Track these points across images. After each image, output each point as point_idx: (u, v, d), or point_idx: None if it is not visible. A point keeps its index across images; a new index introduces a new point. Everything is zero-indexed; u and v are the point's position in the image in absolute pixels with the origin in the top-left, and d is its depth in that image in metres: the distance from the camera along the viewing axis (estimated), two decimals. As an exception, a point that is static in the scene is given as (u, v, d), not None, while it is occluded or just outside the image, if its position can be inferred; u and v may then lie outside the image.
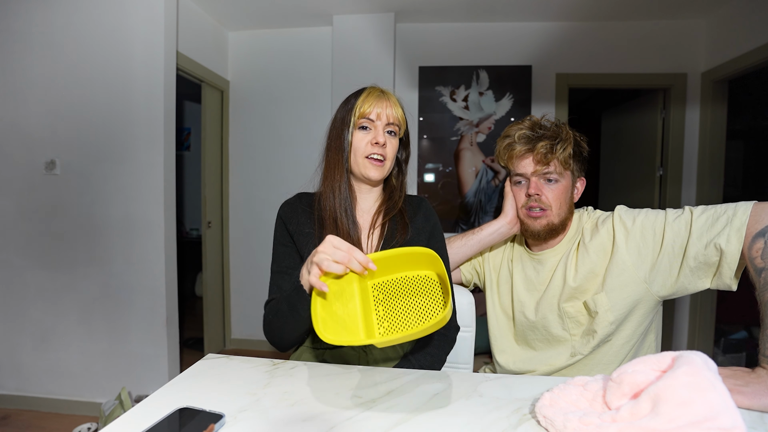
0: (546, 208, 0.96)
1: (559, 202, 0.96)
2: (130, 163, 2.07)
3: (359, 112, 0.88)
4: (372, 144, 0.88)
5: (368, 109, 0.87)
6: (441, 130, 2.84)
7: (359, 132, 0.89)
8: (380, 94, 0.90)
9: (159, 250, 2.07)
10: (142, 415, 0.59)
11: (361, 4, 2.55)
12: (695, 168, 2.72)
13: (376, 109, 0.87)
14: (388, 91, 0.93)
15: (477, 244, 1.07)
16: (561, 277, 0.98)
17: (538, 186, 0.96)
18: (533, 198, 0.96)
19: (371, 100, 0.88)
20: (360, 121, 0.88)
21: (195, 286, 4.25)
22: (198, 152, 4.10)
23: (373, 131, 0.89)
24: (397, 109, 0.90)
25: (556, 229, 0.98)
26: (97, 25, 2.05)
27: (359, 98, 0.89)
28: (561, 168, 0.96)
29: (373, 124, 0.88)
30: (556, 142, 0.94)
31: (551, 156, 0.93)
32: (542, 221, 0.96)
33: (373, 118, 0.88)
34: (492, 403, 0.63)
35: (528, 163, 0.97)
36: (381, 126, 0.88)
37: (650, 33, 2.69)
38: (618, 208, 0.97)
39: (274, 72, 2.92)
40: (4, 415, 2.11)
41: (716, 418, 0.43)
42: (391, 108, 0.89)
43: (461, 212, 2.85)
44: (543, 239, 1.00)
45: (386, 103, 0.89)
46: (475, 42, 2.78)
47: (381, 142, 0.87)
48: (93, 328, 2.13)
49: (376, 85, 0.93)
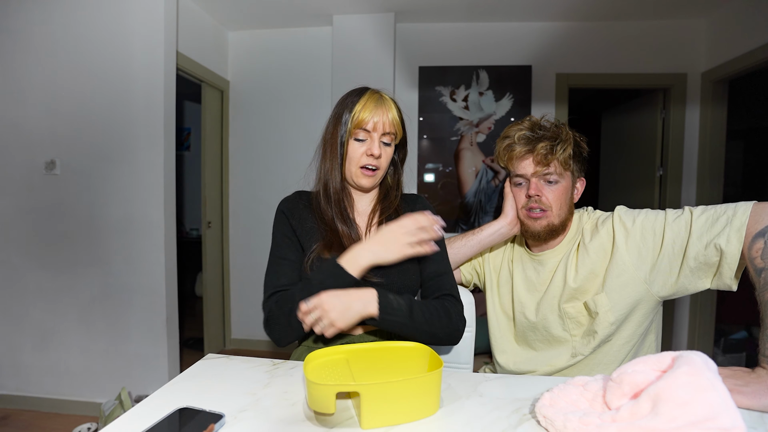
0: (546, 208, 0.96)
1: (559, 202, 0.96)
2: (130, 163, 2.07)
3: (355, 121, 0.87)
4: (367, 155, 0.88)
5: (366, 117, 0.86)
6: (441, 130, 2.84)
7: (354, 143, 0.89)
8: (378, 101, 0.88)
9: (159, 250, 2.07)
10: (142, 415, 0.59)
11: (361, 4, 2.55)
12: (695, 168, 2.72)
13: (373, 119, 0.86)
14: (387, 94, 0.92)
15: (477, 245, 1.07)
16: (561, 277, 0.98)
17: (538, 187, 0.96)
18: (533, 199, 0.96)
19: (370, 107, 0.87)
20: (356, 132, 0.88)
21: (195, 286, 4.25)
22: (198, 152, 4.10)
23: (368, 142, 0.88)
24: (394, 115, 0.89)
25: (556, 229, 0.98)
26: (97, 25, 2.05)
27: (357, 105, 0.87)
28: (561, 169, 0.95)
29: (370, 135, 0.88)
30: (556, 143, 0.93)
31: (551, 157, 0.93)
32: (542, 222, 0.96)
33: (369, 129, 0.87)
34: (492, 403, 0.63)
35: (528, 164, 0.96)
36: (377, 137, 0.88)
37: (650, 33, 2.69)
38: (618, 209, 0.97)
39: (274, 72, 2.92)
40: (4, 415, 2.11)
41: (716, 418, 0.43)
42: (388, 114, 0.88)
43: (461, 212, 2.85)
44: (543, 240, 1.00)
45: (383, 110, 0.88)
46: (475, 42, 2.78)
47: (376, 155, 0.87)
48: (93, 328, 2.13)
49: (374, 90, 0.91)
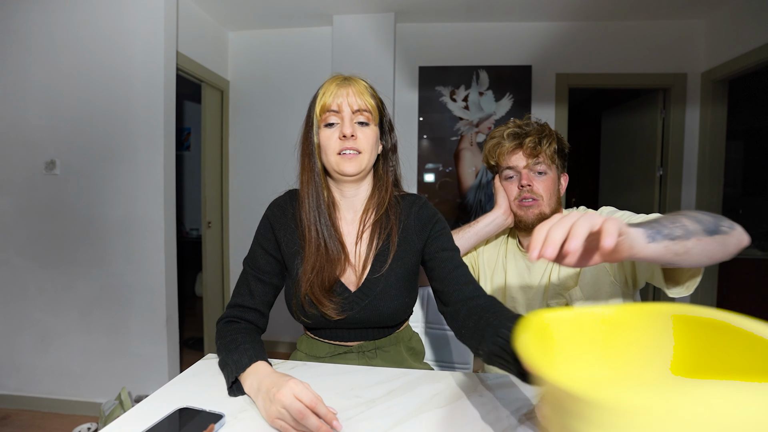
0: (537, 198, 1.01)
1: (548, 193, 1.02)
2: (130, 162, 2.07)
3: (320, 107, 0.79)
4: (340, 138, 0.79)
5: (329, 100, 0.79)
6: (441, 130, 2.84)
7: (325, 130, 0.80)
8: (342, 82, 0.81)
9: (159, 250, 2.07)
10: (142, 415, 0.59)
11: (361, 4, 2.54)
12: (695, 168, 2.72)
13: (337, 100, 0.79)
14: (355, 76, 0.84)
15: (474, 236, 1.09)
16: (548, 275, 1.02)
17: (529, 177, 1.02)
18: (525, 189, 1.02)
19: (332, 90, 0.79)
20: (324, 116, 0.80)
21: (195, 286, 4.25)
22: (198, 152, 4.09)
23: (339, 125, 0.80)
24: (364, 96, 0.81)
25: (546, 219, 1.00)
26: (97, 25, 2.05)
27: (319, 92, 0.81)
28: (549, 161, 1.02)
29: (339, 116, 0.79)
30: (543, 137, 1.01)
31: (540, 148, 1.00)
32: (534, 210, 1.02)
33: (335, 109, 0.79)
34: (492, 403, 0.63)
35: (519, 157, 1.03)
36: (347, 117, 0.79)
37: (650, 33, 2.69)
38: (602, 209, 1.00)
39: (274, 72, 2.92)
40: (4, 415, 2.11)
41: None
42: (356, 96, 0.80)
43: (461, 212, 2.85)
44: None
45: (349, 90, 0.79)
46: (475, 42, 2.78)
47: (348, 134, 0.78)
48: (93, 328, 2.13)
49: (339, 73, 0.84)
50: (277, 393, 0.56)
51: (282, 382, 0.57)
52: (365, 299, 0.82)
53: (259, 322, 0.82)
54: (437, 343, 1.18)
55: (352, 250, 0.84)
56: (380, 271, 0.82)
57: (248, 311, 0.81)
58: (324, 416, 0.54)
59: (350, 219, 0.87)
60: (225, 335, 0.76)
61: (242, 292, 0.83)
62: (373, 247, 0.83)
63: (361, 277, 0.83)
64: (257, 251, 0.85)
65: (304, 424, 0.53)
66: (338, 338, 0.86)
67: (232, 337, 0.74)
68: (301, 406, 0.54)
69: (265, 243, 0.85)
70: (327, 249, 0.80)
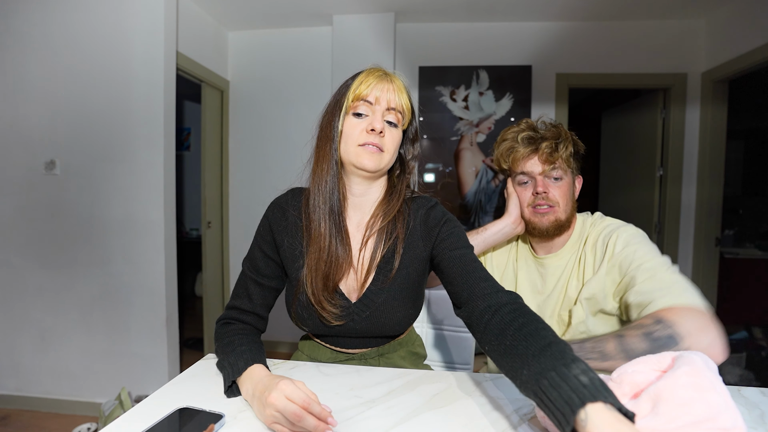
0: (554, 204, 0.98)
1: (565, 199, 0.98)
2: (129, 162, 2.07)
3: (354, 94, 0.75)
4: (367, 131, 0.74)
5: (366, 90, 0.74)
6: (441, 130, 2.84)
7: (352, 118, 0.75)
8: (383, 75, 0.77)
9: (159, 250, 2.07)
10: (142, 415, 0.59)
11: (361, 4, 2.54)
12: (695, 168, 2.72)
13: (374, 92, 0.74)
14: (395, 74, 0.79)
15: (481, 243, 1.07)
16: (563, 286, 0.99)
17: (545, 184, 0.98)
18: (541, 196, 0.98)
19: (371, 81, 0.75)
20: (355, 104, 0.75)
21: (195, 286, 4.25)
22: (198, 152, 4.09)
23: (369, 117, 0.75)
24: (402, 96, 0.77)
25: (562, 225, 0.99)
26: (97, 25, 2.05)
27: (356, 80, 0.76)
28: (565, 165, 0.98)
29: (371, 108, 0.75)
30: (559, 142, 0.96)
31: (556, 155, 0.96)
32: (550, 217, 0.98)
33: (371, 101, 0.75)
34: (492, 403, 0.63)
35: (534, 163, 0.98)
36: (380, 111, 0.75)
37: (650, 33, 2.69)
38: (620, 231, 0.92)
39: (274, 72, 2.92)
40: (4, 415, 2.11)
41: (716, 419, 0.43)
42: (395, 93, 0.76)
43: (461, 212, 2.85)
44: (550, 236, 1.01)
45: (389, 86, 0.76)
46: (475, 42, 2.78)
47: (378, 129, 0.73)
48: (93, 328, 2.13)
49: (378, 66, 0.79)
50: (268, 397, 0.55)
51: (273, 385, 0.56)
52: (366, 311, 0.79)
53: (257, 324, 0.81)
54: (437, 343, 1.18)
55: (356, 255, 0.80)
56: (383, 282, 0.79)
57: (246, 314, 0.80)
58: (318, 415, 0.53)
59: (356, 222, 0.83)
60: (223, 337, 0.75)
61: (240, 295, 0.81)
62: (377, 256, 0.80)
63: (362, 286, 0.79)
64: (256, 253, 0.83)
65: (301, 425, 0.52)
66: (340, 345, 0.84)
67: (229, 339, 0.74)
68: (295, 407, 0.52)
69: (264, 245, 0.83)
70: (334, 245, 0.77)
